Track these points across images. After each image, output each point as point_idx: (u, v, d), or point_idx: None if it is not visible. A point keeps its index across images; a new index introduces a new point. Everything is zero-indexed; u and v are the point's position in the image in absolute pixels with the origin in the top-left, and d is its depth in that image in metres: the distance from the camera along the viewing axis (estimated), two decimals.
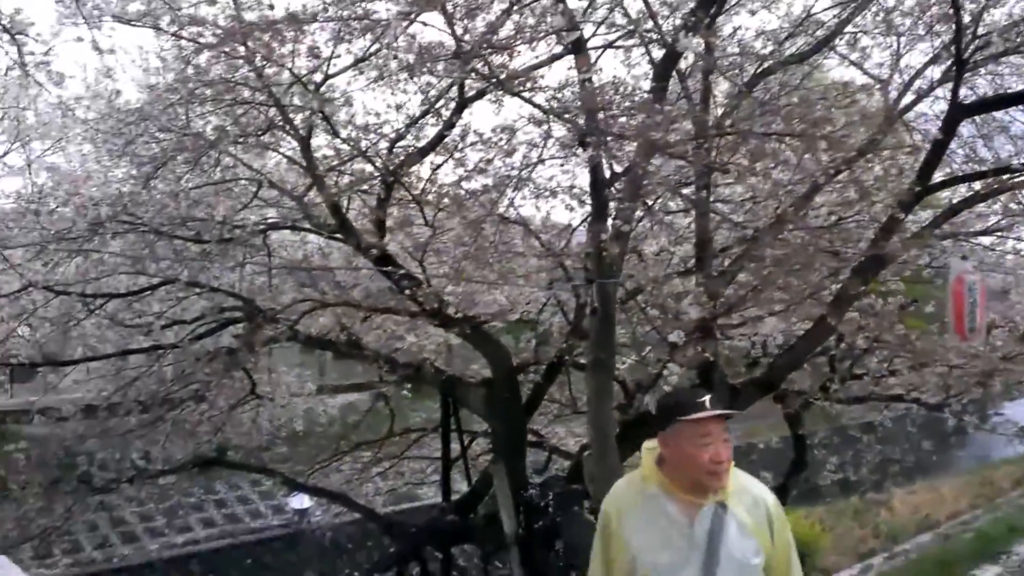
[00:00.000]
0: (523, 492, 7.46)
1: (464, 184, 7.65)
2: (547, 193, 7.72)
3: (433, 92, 7.13)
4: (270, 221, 8.61)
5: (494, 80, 6.16)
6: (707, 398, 3.07)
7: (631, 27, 6.62)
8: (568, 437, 11.05)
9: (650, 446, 3.34)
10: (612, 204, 5.87)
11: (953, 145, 6.62)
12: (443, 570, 8.84)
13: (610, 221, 5.84)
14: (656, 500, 3.18)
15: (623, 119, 5.73)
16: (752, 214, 7.55)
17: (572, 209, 7.59)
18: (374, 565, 18.11)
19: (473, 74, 6.26)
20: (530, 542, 7.25)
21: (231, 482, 19.42)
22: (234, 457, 14.82)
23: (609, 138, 5.47)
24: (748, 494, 3.17)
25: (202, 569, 16.82)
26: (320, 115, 7.20)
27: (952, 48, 5.91)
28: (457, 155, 7.67)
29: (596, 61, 6.68)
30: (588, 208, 6.74)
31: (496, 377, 7.84)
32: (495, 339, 8.07)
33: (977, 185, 6.54)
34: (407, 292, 7.61)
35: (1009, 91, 6.85)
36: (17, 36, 7.82)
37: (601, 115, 5.53)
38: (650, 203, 7.19)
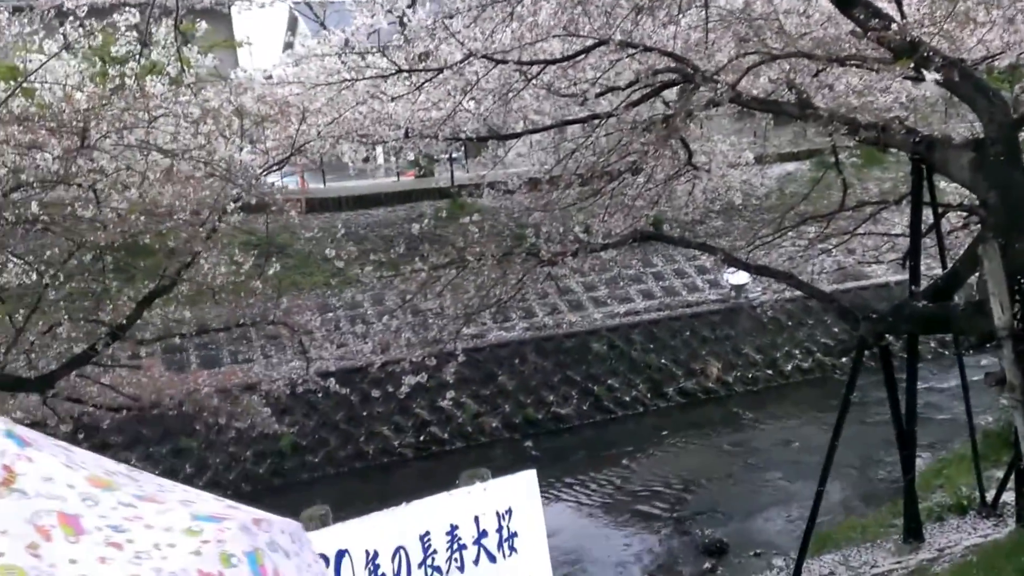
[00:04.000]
0: (1022, 277, 6.08)
1: None
2: None
3: None
4: None
5: None
6: None
7: None
8: None
9: None
10: None
11: None
12: (908, 361, 7.80)
13: None
14: None
15: None
16: None
17: None
18: (830, 348, 17.48)
19: None
20: None
21: (668, 255, 19.58)
22: (670, 231, 14.67)
23: None
24: None
25: (642, 338, 17.40)
26: None
27: None
28: None
29: None
30: None
31: (990, 135, 6.33)
32: (990, 87, 6.47)
33: None
34: (874, 35, 6.27)
35: None
36: None
37: None
38: None
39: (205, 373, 11.91)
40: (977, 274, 6.95)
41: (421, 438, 15.65)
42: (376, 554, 2.98)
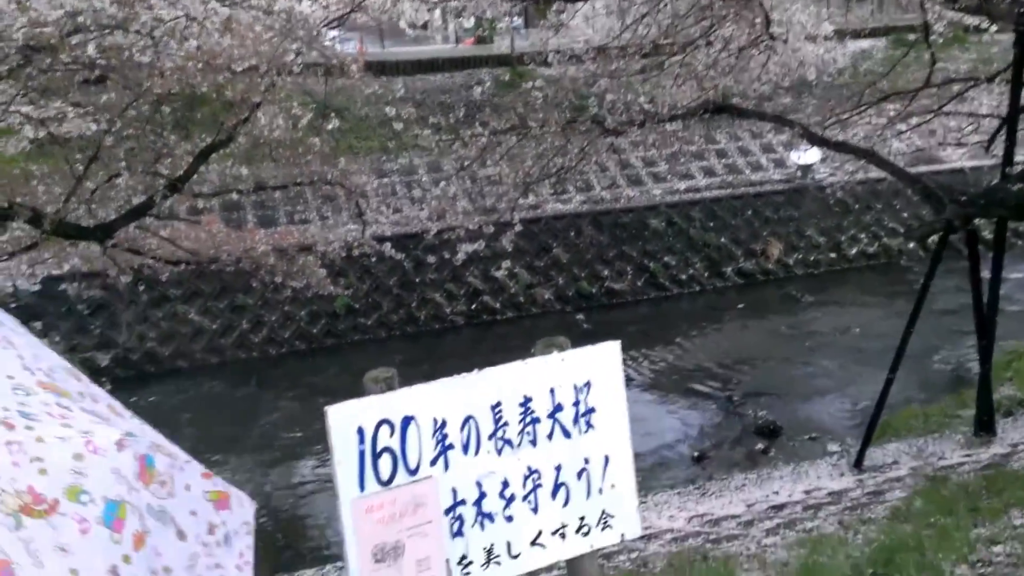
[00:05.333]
0: None
1: None
2: None
3: None
4: None
5: None
6: None
7: None
8: None
9: None
10: None
11: None
12: (995, 247, 7.43)
13: None
14: None
15: None
16: None
17: None
18: (909, 230, 16.90)
19: None
20: None
21: (732, 133, 18.91)
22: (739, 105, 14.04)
23: None
24: None
25: (702, 216, 17.01)
26: None
27: None
28: None
29: None
30: None
31: None
32: None
33: None
34: None
35: None
36: None
37: None
38: None
39: (262, 232, 11.92)
40: None
41: (473, 306, 15.69)
42: (444, 423, 2.86)
